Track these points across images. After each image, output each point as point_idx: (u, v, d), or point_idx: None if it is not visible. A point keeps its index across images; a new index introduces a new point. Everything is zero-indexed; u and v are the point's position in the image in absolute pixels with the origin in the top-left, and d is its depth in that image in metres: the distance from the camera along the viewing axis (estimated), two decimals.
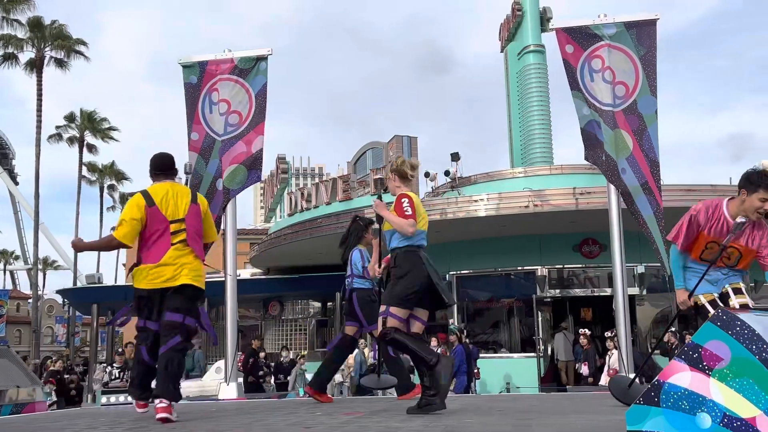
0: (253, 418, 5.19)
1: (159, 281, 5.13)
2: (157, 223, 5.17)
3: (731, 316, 3.14)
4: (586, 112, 8.28)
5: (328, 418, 5.00)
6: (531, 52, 22.23)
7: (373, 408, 6.01)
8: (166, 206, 5.21)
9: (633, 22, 8.36)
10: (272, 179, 25.25)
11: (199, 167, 8.93)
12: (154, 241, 5.19)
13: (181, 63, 9.09)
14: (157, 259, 5.14)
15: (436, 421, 4.54)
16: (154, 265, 5.14)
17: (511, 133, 23.54)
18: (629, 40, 8.28)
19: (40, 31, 34.36)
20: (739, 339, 3.06)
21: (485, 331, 19.73)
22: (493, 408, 5.77)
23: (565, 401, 6.81)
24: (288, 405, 7.03)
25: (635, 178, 7.98)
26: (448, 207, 17.04)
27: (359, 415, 5.23)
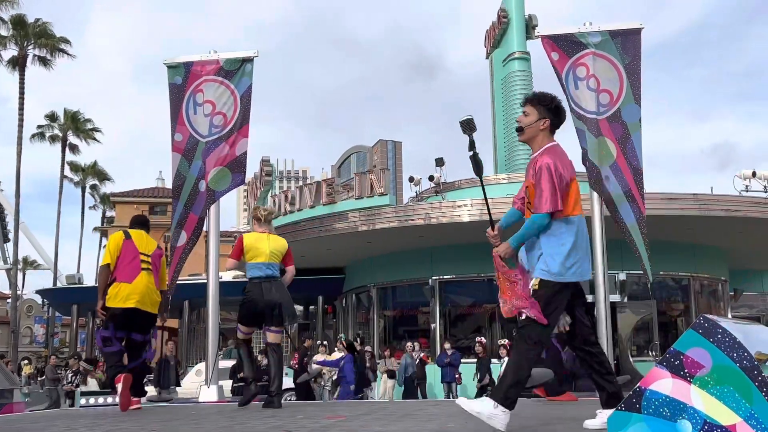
0: (233, 421, 5.16)
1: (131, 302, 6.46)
2: (130, 253, 6.62)
3: (713, 324, 3.16)
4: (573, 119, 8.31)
5: (310, 422, 4.98)
6: (516, 59, 22.33)
7: (355, 412, 5.99)
8: (139, 243, 6.76)
9: (618, 30, 8.41)
10: (256, 181, 25.17)
11: (182, 168, 8.87)
12: (126, 264, 6.55)
13: (166, 63, 9.04)
14: (132, 278, 6.49)
15: (420, 426, 4.54)
16: (128, 283, 6.47)
17: (495, 140, 23.63)
18: (614, 48, 8.32)
19: (23, 29, 34.09)
20: (721, 347, 3.08)
21: (467, 336, 19.75)
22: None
23: (544, 407, 6.82)
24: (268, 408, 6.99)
25: (618, 185, 8.02)
26: (431, 212, 17.07)
27: (341, 419, 5.22)
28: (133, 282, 6.49)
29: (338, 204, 20.17)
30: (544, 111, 4.35)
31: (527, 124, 4.37)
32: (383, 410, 5.84)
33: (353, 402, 9.65)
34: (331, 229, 18.23)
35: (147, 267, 6.67)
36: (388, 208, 18.09)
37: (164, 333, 31.00)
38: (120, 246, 6.63)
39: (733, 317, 5.47)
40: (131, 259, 6.58)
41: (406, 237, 18.04)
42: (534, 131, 4.37)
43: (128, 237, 6.75)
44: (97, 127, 46.60)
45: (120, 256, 6.59)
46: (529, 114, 4.36)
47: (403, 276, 20.26)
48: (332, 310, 24.55)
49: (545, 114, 4.35)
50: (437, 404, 6.84)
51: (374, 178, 19.79)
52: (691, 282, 19.43)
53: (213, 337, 8.75)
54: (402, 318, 21.10)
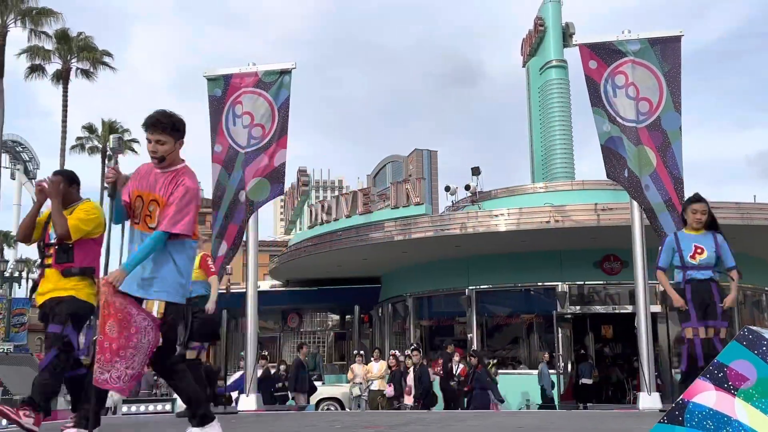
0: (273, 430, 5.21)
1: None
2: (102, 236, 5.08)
3: (757, 336, 3.11)
4: (607, 129, 8.26)
5: (347, 431, 5.00)
6: (553, 67, 22.20)
7: (393, 422, 6.00)
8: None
9: (657, 38, 8.34)
10: (293, 191, 25.34)
11: (222, 179, 9.00)
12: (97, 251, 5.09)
13: (206, 76, 9.20)
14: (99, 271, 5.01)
15: None
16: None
17: (532, 148, 23.49)
18: (653, 56, 8.26)
19: (67, 43, 34.83)
20: (765, 359, 3.03)
21: (504, 346, 19.62)
22: (513, 425, 5.74)
23: (584, 419, 6.76)
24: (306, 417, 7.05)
25: (659, 194, 7.94)
26: (468, 221, 17.00)
27: (380, 428, 5.23)
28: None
29: (374, 213, 20.20)
30: (177, 135, 4.25)
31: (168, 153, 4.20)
32: (421, 421, 5.84)
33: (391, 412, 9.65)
34: (368, 238, 18.27)
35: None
36: (424, 218, 18.08)
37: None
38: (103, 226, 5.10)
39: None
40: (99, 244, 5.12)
41: (442, 246, 18.00)
42: (173, 158, 4.25)
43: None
44: (135, 137, 47.36)
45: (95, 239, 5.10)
46: (165, 142, 4.19)
47: (439, 285, 20.20)
48: (368, 319, 24.56)
49: (179, 138, 4.26)
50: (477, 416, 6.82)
51: (410, 187, 19.80)
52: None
53: (252, 346, 8.84)
54: (438, 328, 21.03)
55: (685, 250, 6.20)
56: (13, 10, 32.45)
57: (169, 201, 4.09)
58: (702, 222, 6.24)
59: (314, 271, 22.43)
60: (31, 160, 67.63)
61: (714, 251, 6.17)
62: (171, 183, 4.15)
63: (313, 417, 7.09)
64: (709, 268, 6.17)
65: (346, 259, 19.90)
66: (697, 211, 6.24)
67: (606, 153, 8.26)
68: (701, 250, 6.16)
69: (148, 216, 4.14)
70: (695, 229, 6.27)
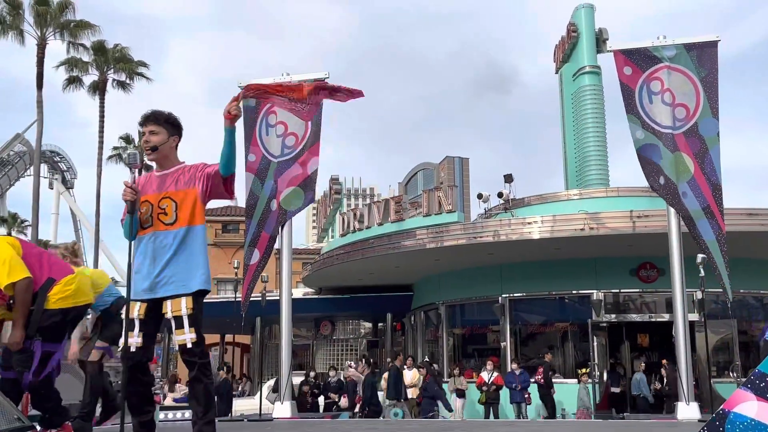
0: None
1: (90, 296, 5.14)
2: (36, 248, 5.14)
3: None
4: (641, 136, 8.20)
5: None
6: (586, 74, 22.05)
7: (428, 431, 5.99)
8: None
9: (693, 43, 8.26)
10: (325, 200, 25.50)
11: (255, 188, 9.09)
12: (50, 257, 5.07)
13: (241, 86, 9.29)
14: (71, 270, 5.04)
15: None
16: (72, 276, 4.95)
17: (565, 155, 23.33)
18: (689, 61, 8.17)
19: (103, 55, 35.40)
20: None
21: (538, 355, 19.45)
22: None
23: (621, 428, 6.68)
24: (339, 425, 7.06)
25: (696, 201, 7.85)
26: (501, 229, 16.93)
27: None
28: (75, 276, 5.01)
29: (406, 221, 20.21)
30: (172, 129, 4.33)
31: (161, 143, 4.28)
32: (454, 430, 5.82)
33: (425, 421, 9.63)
34: (400, 246, 18.29)
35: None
36: (456, 225, 18.04)
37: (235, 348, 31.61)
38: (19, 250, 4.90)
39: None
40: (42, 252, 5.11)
41: (474, 254, 17.94)
42: (168, 150, 4.32)
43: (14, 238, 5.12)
44: None
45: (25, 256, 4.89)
46: (158, 133, 4.28)
47: (472, 293, 20.13)
48: (401, 327, 24.55)
49: (174, 132, 4.34)
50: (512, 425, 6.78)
51: (442, 195, 19.79)
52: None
53: (286, 353, 8.90)
54: (471, 336, 20.94)
55: None
56: (52, 24, 33.14)
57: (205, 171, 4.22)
58: None
59: (347, 278, 22.50)
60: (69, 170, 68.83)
61: None
62: (182, 175, 4.23)
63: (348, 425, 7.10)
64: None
65: (378, 266, 19.92)
66: None
67: (641, 160, 8.19)
68: None
69: (161, 213, 4.18)
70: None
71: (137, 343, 4.02)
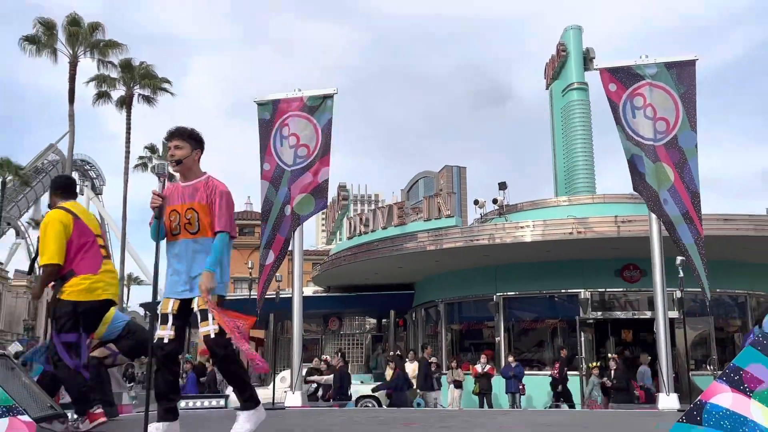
0: (318, 424, 5.23)
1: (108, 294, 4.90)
2: (84, 236, 4.88)
3: None
4: (627, 146, 8.20)
5: (387, 429, 5.01)
6: (575, 90, 22.04)
7: (428, 419, 5.99)
8: (88, 221, 4.99)
9: (673, 62, 8.27)
10: (333, 205, 25.49)
11: (269, 194, 9.11)
12: (84, 253, 4.86)
13: (256, 101, 9.34)
14: (95, 269, 4.86)
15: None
16: (95, 275, 4.83)
17: (555, 164, 23.31)
18: (669, 79, 8.18)
19: (130, 72, 35.54)
20: None
21: (530, 349, 19.43)
22: (543, 423, 5.70)
23: (608, 417, 6.67)
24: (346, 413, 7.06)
25: (676, 208, 7.84)
26: (495, 232, 16.93)
27: (417, 426, 5.23)
28: (99, 271, 4.87)
29: (408, 225, 20.22)
30: (194, 143, 4.41)
31: (185, 156, 4.36)
32: (454, 418, 5.82)
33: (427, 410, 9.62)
34: (402, 248, 18.29)
35: (106, 254, 5.06)
36: (455, 229, 18.05)
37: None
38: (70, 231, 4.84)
39: None
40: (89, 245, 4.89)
41: (471, 256, 17.94)
42: (191, 162, 4.39)
43: (76, 216, 4.93)
44: None
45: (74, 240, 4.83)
46: (183, 147, 4.37)
47: (469, 292, 20.12)
48: (403, 323, 24.54)
49: (196, 146, 4.41)
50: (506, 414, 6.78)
51: (441, 201, 19.80)
52: (748, 299, 18.64)
53: (297, 347, 8.90)
54: (468, 332, 20.92)
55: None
56: (83, 43, 33.29)
57: (216, 207, 4.23)
58: None
59: (353, 278, 22.50)
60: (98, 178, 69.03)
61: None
62: (205, 189, 4.28)
63: (354, 413, 7.10)
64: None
65: (382, 267, 19.93)
66: None
67: (631, 168, 8.19)
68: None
69: (187, 224, 4.25)
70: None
71: (170, 336, 4.12)
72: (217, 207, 4.23)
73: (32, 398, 4.58)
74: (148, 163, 45.43)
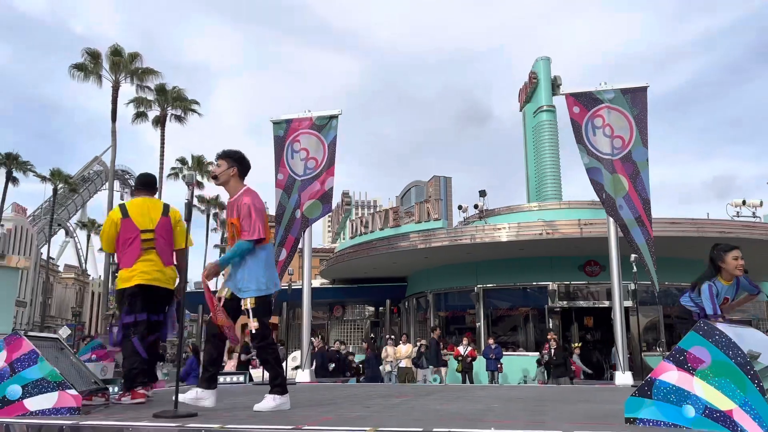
0: (323, 398, 5.23)
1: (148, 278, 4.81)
2: (129, 232, 4.86)
3: (711, 327, 3.07)
4: (587, 161, 8.21)
5: (383, 399, 5.01)
6: (544, 111, 22.09)
7: (419, 393, 5.98)
8: (139, 218, 4.91)
9: (628, 88, 8.28)
10: (338, 209, 25.49)
11: (283, 200, 9.09)
12: (126, 247, 4.86)
13: (272, 120, 9.33)
14: (130, 264, 4.83)
15: (470, 405, 4.51)
16: (129, 269, 4.82)
17: (527, 175, 23.34)
18: (625, 102, 8.19)
19: (163, 95, 35.52)
20: (718, 345, 3.00)
21: (506, 333, 19.43)
22: (514, 396, 5.69)
23: (572, 392, 6.67)
24: (349, 388, 7.05)
25: (630, 213, 7.85)
26: (476, 233, 16.94)
27: (408, 398, 5.22)
28: (134, 266, 4.82)
29: (402, 227, 20.22)
30: (231, 161, 4.34)
31: (220, 172, 4.34)
32: (441, 392, 5.81)
33: (418, 386, 9.60)
34: (397, 246, 18.29)
35: (149, 246, 4.89)
36: (442, 231, 18.05)
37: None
38: (118, 227, 4.91)
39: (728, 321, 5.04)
40: (130, 241, 4.87)
41: (455, 253, 17.95)
42: (226, 177, 4.33)
43: (126, 215, 4.93)
44: None
45: (120, 237, 4.89)
46: (221, 165, 4.35)
47: (453, 284, 20.12)
48: (397, 310, 24.52)
49: (232, 164, 4.33)
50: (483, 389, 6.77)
51: (430, 206, 19.80)
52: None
53: (306, 331, 8.88)
54: (453, 318, 20.92)
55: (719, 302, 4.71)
56: (124, 70, 33.26)
57: (241, 220, 4.20)
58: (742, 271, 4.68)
59: (354, 272, 22.48)
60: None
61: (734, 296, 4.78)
62: (235, 205, 4.26)
63: (354, 388, 7.09)
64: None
65: (379, 262, 19.93)
66: (738, 258, 4.65)
67: (591, 180, 8.19)
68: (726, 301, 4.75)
69: (230, 237, 4.30)
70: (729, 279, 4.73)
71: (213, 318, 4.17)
72: (241, 219, 4.20)
73: (79, 375, 4.57)
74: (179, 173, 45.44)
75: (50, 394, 3.83)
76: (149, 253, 4.85)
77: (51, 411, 3.78)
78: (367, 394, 5.66)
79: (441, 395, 5.29)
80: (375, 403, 4.68)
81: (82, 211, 66.11)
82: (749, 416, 2.80)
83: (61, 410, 3.79)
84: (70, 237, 71.71)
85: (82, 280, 71.12)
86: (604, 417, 3.84)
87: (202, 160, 46.13)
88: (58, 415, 3.71)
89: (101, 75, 32.91)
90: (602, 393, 6.09)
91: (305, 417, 3.66)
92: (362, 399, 5.09)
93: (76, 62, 32.75)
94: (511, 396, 5.69)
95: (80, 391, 3.99)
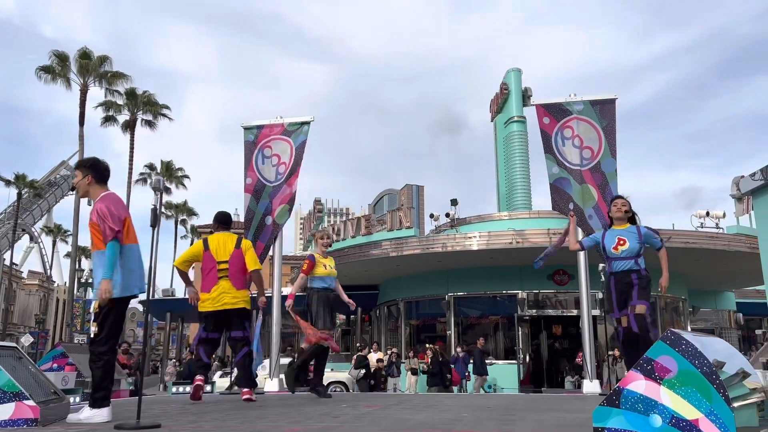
0: (291, 408, 5.14)
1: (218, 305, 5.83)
2: (209, 263, 5.91)
3: (678, 336, 3.09)
4: (556, 171, 8.26)
5: (351, 409, 4.94)
6: (515, 122, 22.32)
7: (387, 402, 5.92)
8: (216, 251, 5.95)
9: (597, 100, 8.38)
10: (310, 217, 25.32)
11: (251, 205, 8.98)
12: (205, 275, 5.89)
13: (243, 126, 9.21)
14: (208, 289, 5.86)
15: (438, 415, 4.47)
16: (207, 294, 5.86)
17: (498, 184, 23.54)
18: (594, 114, 8.29)
19: (134, 99, 34.99)
20: (684, 355, 3.01)
21: (476, 341, 19.47)
22: (483, 405, 5.67)
23: (540, 401, 6.68)
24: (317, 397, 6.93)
25: (599, 222, 7.93)
26: (447, 242, 16.98)
27: (377, 408, 5.16)
28: (211, 291, 5.84)
29: (374, 235, 20.18)
30: (84, 170, 4.29)
31: (76, 183, 4.30)
32: (410, 401, 5.76)
33: (386, 394, 9.53)
34: (368, 254, 18.23)
35: (224, 275, 5.89)
36: (413, 239, 18.06)
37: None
38: (199, 256, 6.01)
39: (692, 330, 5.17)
40: (209, 270, 5.90)
41: (427, 261, 17.97)
42: (84, 187, 4.29)
43: (207, 248, 5.99)
44: (186, 174, 47.40)
45: (202, 266, 5.96)
46: (77, 176, 4.31)
47: (424, 292, 20.13)
48: (368, 318, 24.42)
49: (86, 172, 4.28)
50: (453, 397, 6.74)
51: (402, 214, 19.81)
52: (657, 300, 18.99)
53: (276, 339, 8.76)
54: (424, 326, 20.91)
55: (610, 243, 5.62)
56: (93, 73, 32.66)
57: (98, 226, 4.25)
58: (622, 212, 5.66)
59: None
60: None
61: (637, 242, 5.64)
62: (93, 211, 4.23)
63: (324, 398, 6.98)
64: (631, 258, 5.60)
65: (351, 270, 19.83)
66: (617, 204, 5.69)
67: (554, 190, 8.25)
68: (623, 242, 5.59)
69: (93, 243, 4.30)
70: (619, 222, 5.72)
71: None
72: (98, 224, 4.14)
73: (38, 385, 4.40)
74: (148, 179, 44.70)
75: (6, 404, 3.68)
76: (224, 281, 5.87)
77: (7, 423, 3.63)
78: (337, 404, 5.58)
79: (410, 404, 5.24)
80: (343, 413, 4.61)
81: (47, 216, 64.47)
82: (715, 425, 2.82)
83: (17, 422, 3.64)
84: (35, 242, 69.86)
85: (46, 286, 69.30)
86: (573, 426, 3.83)
87: (171, 166, 45.51)
88: (15, 427, 3.56)
89: (69, 78, 32.26)
90: (571, 402, 6.11)
91: (274, 427, 3.58)
92: (331, 409, 5.02)
93: (43, 64, 32.07)
94: (481, 405, 5.67)
95: (38, 402, 3.84)
